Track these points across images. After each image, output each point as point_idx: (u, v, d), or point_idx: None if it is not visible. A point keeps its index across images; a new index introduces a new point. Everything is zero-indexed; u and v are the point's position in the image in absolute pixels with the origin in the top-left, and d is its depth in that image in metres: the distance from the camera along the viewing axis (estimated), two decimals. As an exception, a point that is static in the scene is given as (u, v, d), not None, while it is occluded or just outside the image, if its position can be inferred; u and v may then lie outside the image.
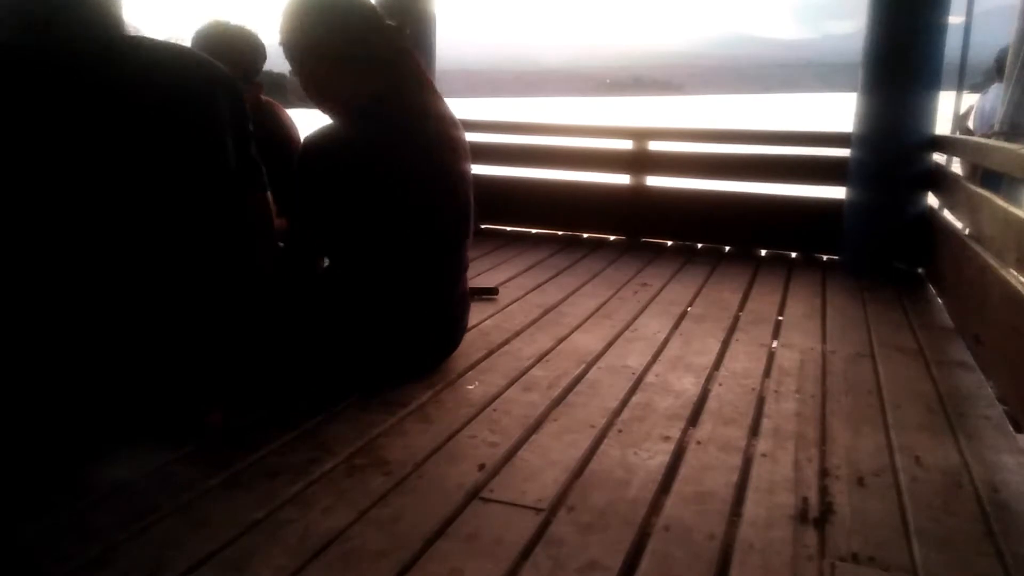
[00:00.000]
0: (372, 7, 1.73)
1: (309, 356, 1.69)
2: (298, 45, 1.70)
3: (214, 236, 1.49)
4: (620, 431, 1.58)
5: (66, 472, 1.32)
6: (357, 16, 1.70)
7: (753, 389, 1.83)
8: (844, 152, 3.30)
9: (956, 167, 3.30)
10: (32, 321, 1.33)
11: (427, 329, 1.82)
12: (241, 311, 1.57)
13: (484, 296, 2.61)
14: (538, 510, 1.26)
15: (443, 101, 1.82)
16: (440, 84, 3.83)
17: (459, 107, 1.97)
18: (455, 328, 1.94)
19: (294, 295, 1.72)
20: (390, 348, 1.76)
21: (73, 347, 1.36)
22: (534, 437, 1.55)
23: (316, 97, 1.75)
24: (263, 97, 2.32)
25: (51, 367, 1.34)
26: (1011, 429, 1.65)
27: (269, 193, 1.62)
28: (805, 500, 1.32)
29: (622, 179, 3.83)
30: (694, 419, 1.66)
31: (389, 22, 1.73)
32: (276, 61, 2.09)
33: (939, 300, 2.73)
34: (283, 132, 2.36)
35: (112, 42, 1.36)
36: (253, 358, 1.62)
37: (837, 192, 3.38)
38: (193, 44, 2.13)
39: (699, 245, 3.67)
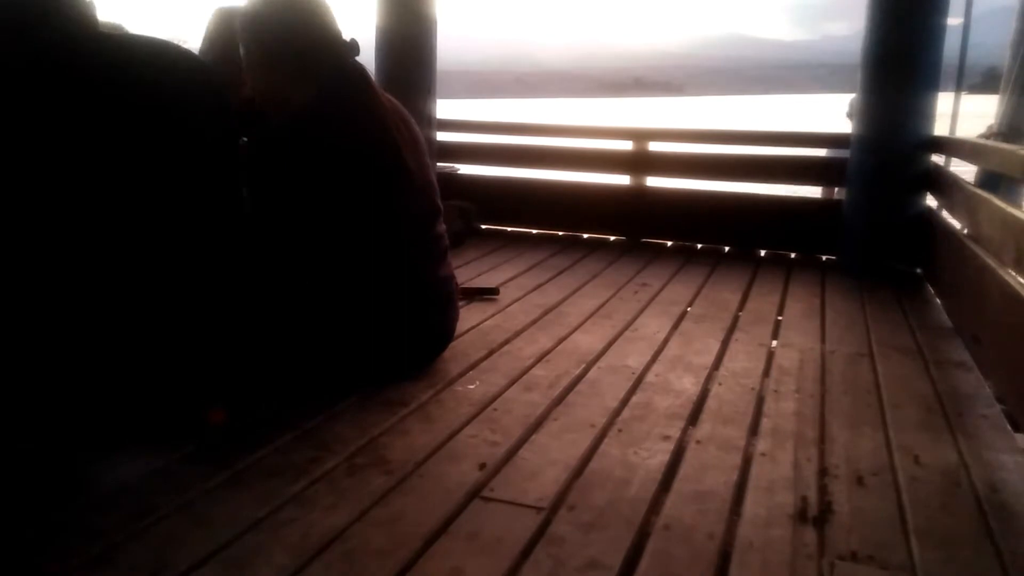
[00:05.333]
0: (334, 20, 1.76)
1: (304, 354, 1.70)
2: (263, 44, 1.70)
3: (206, 234, 1.50)
4: (620, 430, 1.59)
5: (68, 471, 1.33)
6: (326, 23, 1.73)
7: (752, 389, 1.84)
8: (843, 153, 3.31)
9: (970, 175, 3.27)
10: (32, 322, 1.34)
11: (413, 315, 1.81)
12: (240, 309, 1.58)
13: (485, 296, 2.62)
14: (538, 509, 1.26)
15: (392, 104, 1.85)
16: (441, 85, 3.86)
17: (460, 109, 1.99)
18: (443, 314, 1.92)
19: (282, 296, 1.72)
20: (379, 340, 1.76)
21: (75, 347, 1.36)
22: (535, 436, 1.55)
23: (266, 94, 1.76)
24: None
25: (54, 368, 1.35)
26: (1009, 428, 1.65)
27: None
28: (804, 499, 1.32)
29: (622, 180, 3.84)
30: (694, 419, 1.66)
31: (346, 38, 1.77)
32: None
33: (938, 300, 2.73)
34: None
35: (88, 39, 1.36)
36: (254, 357, 1.63)
37: (836, 192, 3.39)
38: (212, 27, 2.11)
39: (699, 245, 3.67)
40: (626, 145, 3.82)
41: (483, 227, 3.87)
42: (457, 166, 4.09)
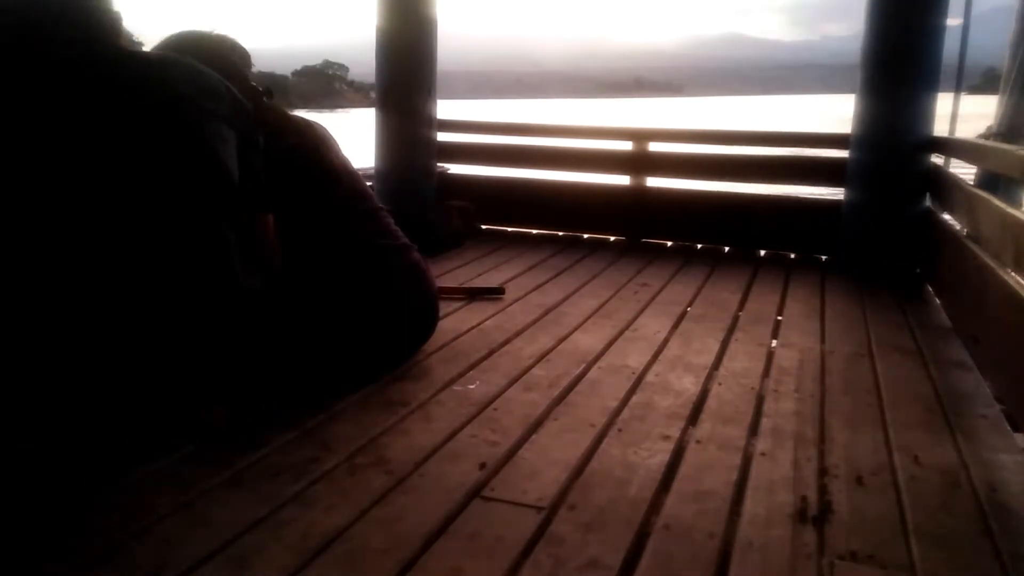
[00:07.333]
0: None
1: (294, 353, 1.70)
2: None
3: (213, 242, 1.50)
4: (620, 430, 1.59)
5: (70, 471, 1.33)
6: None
7: (752, 389, 1.84)
8: (843, 153, 3.32)
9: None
10: (33, 322, 1.34)
11: (379, 285, 1.85)
12: (242, 312, 1.58)
13: (490, 296, 2.62)
14: (539, 509, 1.26)
15: None
16: (441, 86, 3.86)
17: (460, 109, 2.04)
18: (412, 284, 1.94)
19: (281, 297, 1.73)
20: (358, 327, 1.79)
21: (75, 348, 1.37)
22: (535, 436, 1.55)
23: None
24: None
25: (54, 368, 1.35)
26: (1008, 428, 1.66)
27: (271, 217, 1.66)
28: (804, 499, 1.32)
29: (622, 180, 3.84)
30: (694, 418, 1.66)
31: (254, 84, 1.86)
32: (277, 63, 2.11)
33: (937, 300, 2.74)
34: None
35: (110, 50, 1.38)
36: (255, 358, 1.63)
37: (836, 193, 3.39)
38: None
39: (699, 245, 3.67)
40: (626, 145, 3.82)
41: (483, 227, 3.87)
42: (448, 166, 4.09)
